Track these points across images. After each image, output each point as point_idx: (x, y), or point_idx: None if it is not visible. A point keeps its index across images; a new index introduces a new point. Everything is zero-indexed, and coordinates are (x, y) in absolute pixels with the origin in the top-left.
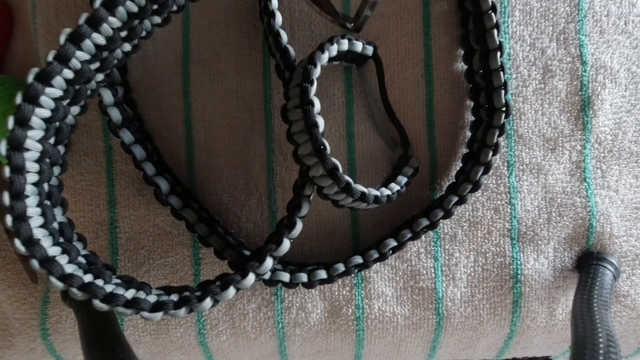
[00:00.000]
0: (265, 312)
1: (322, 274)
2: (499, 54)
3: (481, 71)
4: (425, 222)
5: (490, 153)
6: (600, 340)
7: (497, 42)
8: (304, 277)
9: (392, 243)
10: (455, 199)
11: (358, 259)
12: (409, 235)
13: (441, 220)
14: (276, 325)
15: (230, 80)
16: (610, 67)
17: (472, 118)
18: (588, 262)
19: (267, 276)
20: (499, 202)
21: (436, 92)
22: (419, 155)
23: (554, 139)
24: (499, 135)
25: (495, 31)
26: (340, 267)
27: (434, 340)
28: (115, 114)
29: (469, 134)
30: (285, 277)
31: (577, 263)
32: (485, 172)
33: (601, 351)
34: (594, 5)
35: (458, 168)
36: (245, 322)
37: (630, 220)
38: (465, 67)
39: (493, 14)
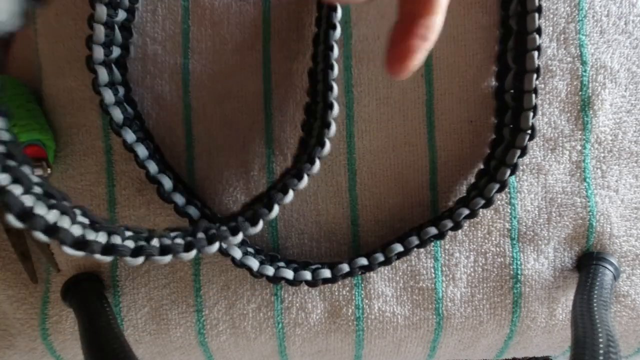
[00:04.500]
0: (265, 312)
1: (326, 273)
2: (535, 76)
3: (512, 91)
4: (433, 231)
5: (508, 172)
6: (600, 340)
7: (536, 65)
8: (307, 275)
9: (399, 248)
10: (467, 212)
11: (363, 261)
12: (417, 242)
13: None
14: (276, 325)
15: (230, 80)
16: (610, 67)
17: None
18: (588, 262)
19: (270, 273)
20: (499, 202)
21: (436, 92)
22: (419, 155)
23: (554, 139)
24: (520, 156)
25: (536, 53)
26: (345, 268)
27: (434, 341)
28: (117, 113)
29: (487, 150)
30: (289, 274)
31: (577, 263)
32: (500, 190)
33: (601, 351)
34: (594, 5)
35: (461, 173)
36: (245, 322)
37: (630, 220)
38: (496, 84)
39: (537, 36)
